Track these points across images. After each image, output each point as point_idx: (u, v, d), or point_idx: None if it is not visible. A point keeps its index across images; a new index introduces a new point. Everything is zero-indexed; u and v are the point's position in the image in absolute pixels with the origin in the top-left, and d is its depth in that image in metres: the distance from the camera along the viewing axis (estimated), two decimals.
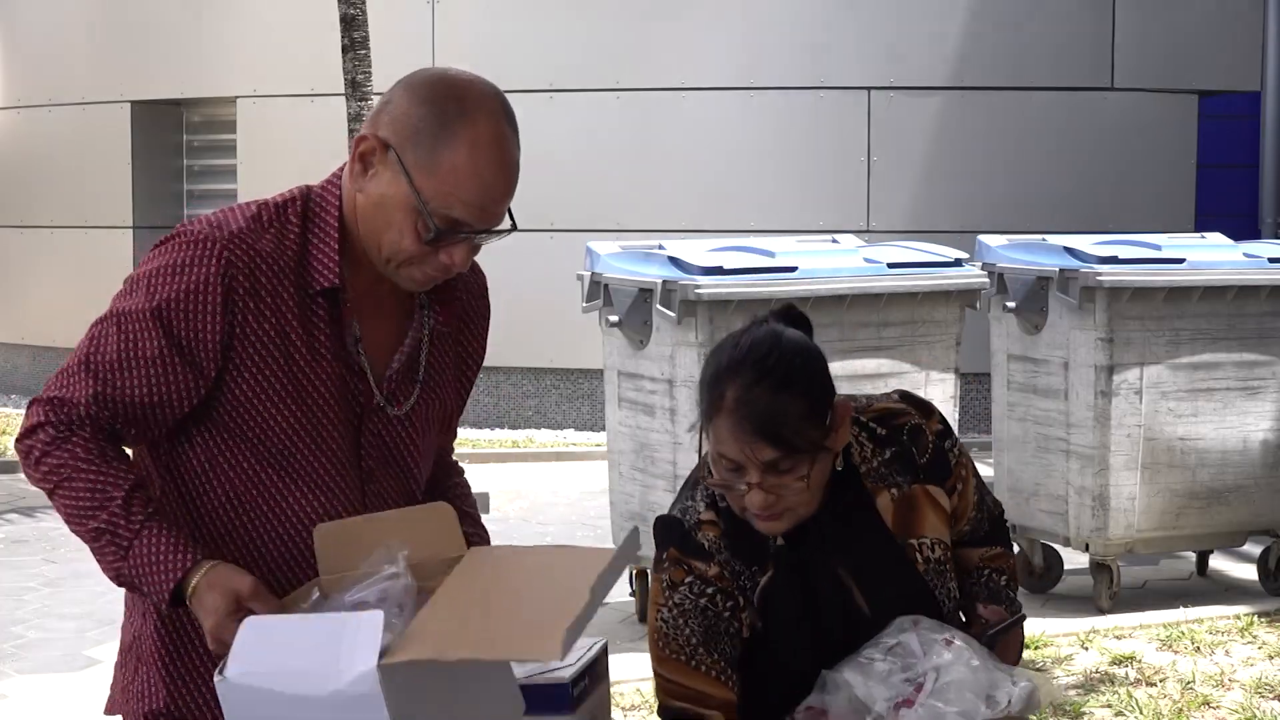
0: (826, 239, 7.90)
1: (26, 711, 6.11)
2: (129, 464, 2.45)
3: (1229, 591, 7.69)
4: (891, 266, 7.10)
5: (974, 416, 11.65)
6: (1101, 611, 7.22)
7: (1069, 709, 5.86)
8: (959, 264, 7.37)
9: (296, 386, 2.46)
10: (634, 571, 7.04)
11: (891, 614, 2.68)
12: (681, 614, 2.65)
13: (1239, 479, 7.44)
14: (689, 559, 2.67)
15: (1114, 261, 7.24)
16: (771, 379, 2.56)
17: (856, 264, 7.10)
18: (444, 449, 2.77)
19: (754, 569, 2.67)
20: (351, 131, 8.73)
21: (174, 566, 2.37)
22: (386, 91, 2.51)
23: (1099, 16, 12.70)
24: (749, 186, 12.50)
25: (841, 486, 2.70)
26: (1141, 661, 6.46)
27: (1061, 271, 7.30)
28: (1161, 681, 6.22)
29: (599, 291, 7.16)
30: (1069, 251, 7.42)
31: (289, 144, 13.03)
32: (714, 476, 2.63)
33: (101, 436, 2.42)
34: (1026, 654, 5.90)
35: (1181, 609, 7.19)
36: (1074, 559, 7.68)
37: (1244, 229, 11.67)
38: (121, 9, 14.26)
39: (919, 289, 7.07)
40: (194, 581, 2.37)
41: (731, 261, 6.84)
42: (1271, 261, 7.52)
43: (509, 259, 12.88)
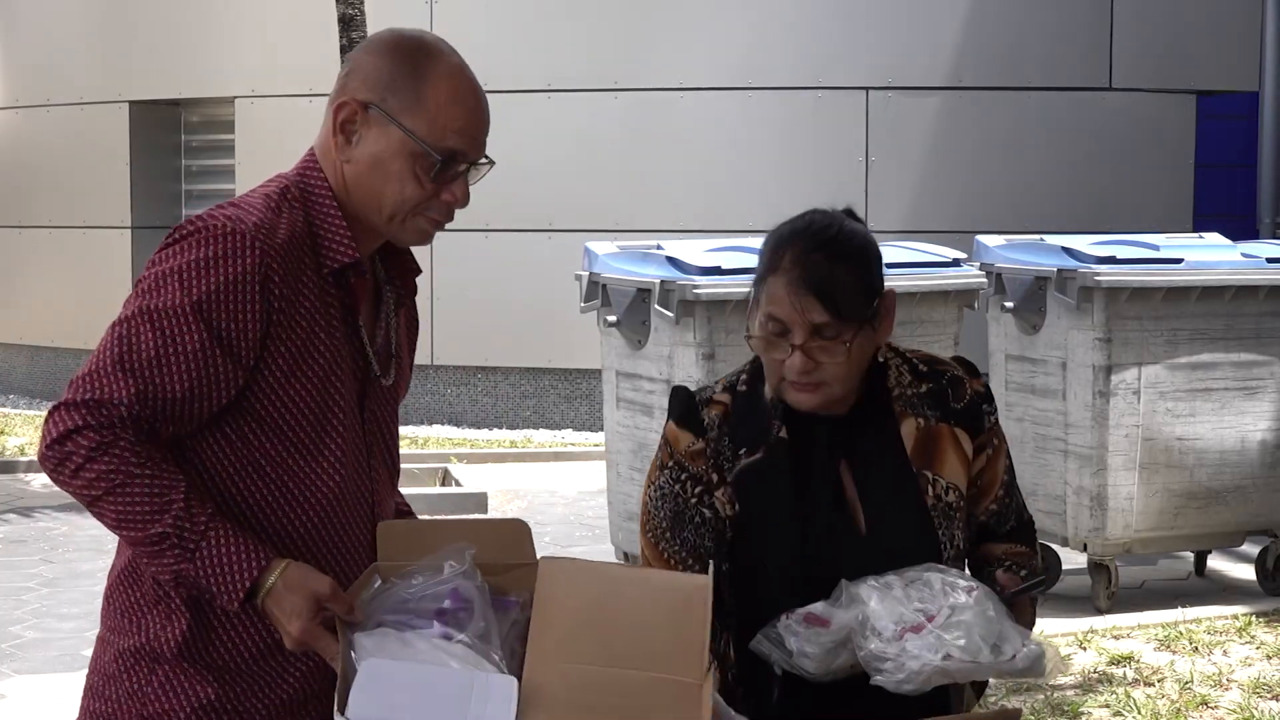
0: None
1: (25, 711, 6.11)
2: (176, 465, 2.43)
3: (1227, 591, 7.70)
4: (890, 266, 7.05)
5: None
6: (1100, 611, 7.22)
7: (1067, 709, 5.86)
8: (957, 264, 7.38)
9: (322, 369, 2.48)
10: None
11: (886, 538, 2.68)
12: (661, 496, 2.78)
13: (1237, 479, 7.44)
14: (681, 430, 2.75)
15: (1112, 261, 7.24)
16: (830, 249, 2.67)
17: None
18: None
19: (743, 451, 2.72)
20: None
21: (248, 567, 2.36)
22: (345, 63, 2.58)
23: (1097, 17, 12.71)
24: (747, 186, 12.50)
25: (870, 399, 2.74)
26: (1140, 662, 6.46)
27: (1059, 271, 7.30)
28: (1160, 682, 6.22)
29: (597, 292, 7.16)
30: (1067, 251, 7.42)
31: (287, 144, 12.95)
32: (754, 340, 2.69)
33: (145, 438, 2.38)
34: None
35: (1179, 609, 7.19)
36: (1072, 559, 7.69)
37: (1242, 229, 11.68)
38: (120, 9, 14.26)
39: (917, 289, 7.07)
40: (269, 582, 2.37)
41: (730, 261, 6.84)
42: (1269, 261, 7.53)
43: (508, 259, 12.96)
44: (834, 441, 2.72)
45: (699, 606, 2.36)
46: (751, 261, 6.91)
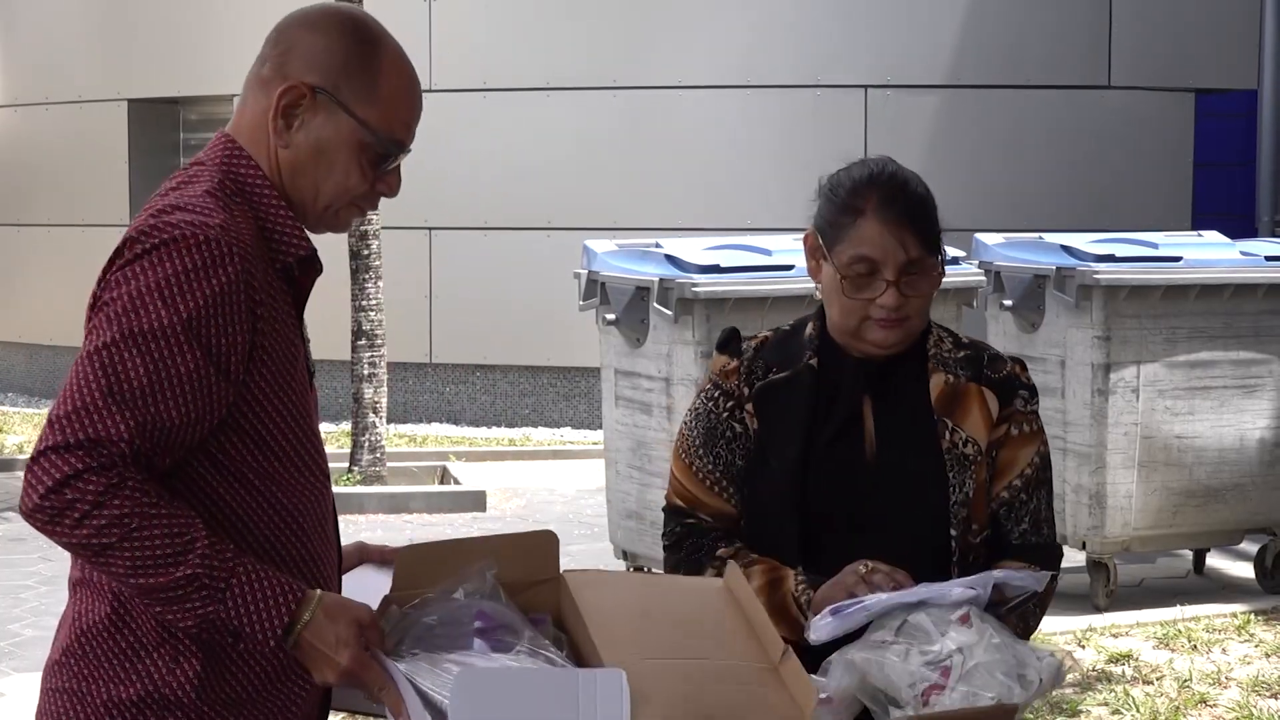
0: None
1: (25, 710, 6.11)
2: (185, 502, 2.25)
3: (1226, 589, 7.70)
4: None
5: None
6: (1098, 610, 7.22)
7: (1066, 707, 5.86)
8: (955, 262, 7.36)
9: (295, 375, 2.36)
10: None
11: (895, 471, 2.75)
12: (696, 418, 2.87)
13: (1236, 477, 7.44)
14: (720, 354, 2.87)
15: (1111, 260, 7.24)
16: (909, 187, 2.80)
17: None
18: None
19: (773, 370, 2.83)
20: None
21: (285, 601, 2.19)
22: (274, 39, 2.43)
23: (1096, 15, 12.71)
24: (746, 185, 12.50)
25: (907, 351, 2.82)
26: (1138, 660, 6.46)
27: (1058, 270, 7.30)
28: (1159, 680, 6.22)
29: (596, 290, 7.16)
30: (1066, 250, 7.42)
31: None
32: (845, 282, 2.74)
33: (149, 476, 2.19)
34: None
35: (1178, 607, 7.19)
36: (1071, 557, 7.67)
37: (1241, 227, 11.67)
38: (119, 8, 14.25)
39: None
40: (306, 616, 2.20)
41: (728, 260, 6.84)
42: (1268, 260, 7.53)
43: (506, 257, 12.95)
44: (862, 378, 2.81)
45: (729, 602, 2.42)
46: (751, 260, 6.97)
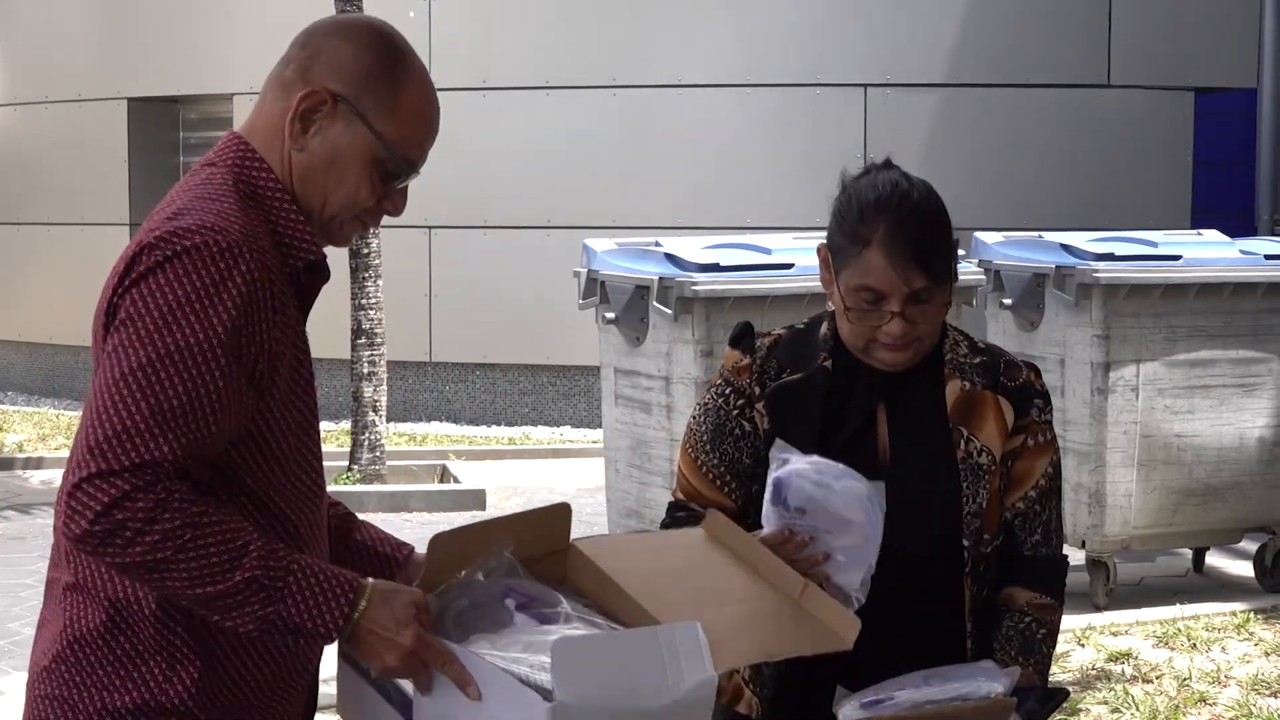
0: (823, 236, 7.89)
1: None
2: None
3: (1225, 588, 7.70)
4: None
5: None
6: (1098, 608, 7.22)
7: (1065, 706, 5.86)
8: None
9: (306, 381, 2.35)
10: None
11: (908, 481, 2.70)
12: (705, 413, 2.84)
13: (1235, 476, 7.44)
14: (733, 349, 2.84)
15: (1110, 258, 7.24)
16: (919, 213, 2.73)
17: None
18: None
19: (786, 371, 2.79)
20: None
21: (344, 592, 2.18)
22: (302, 43, 2.42)
23: (1095, 13, 12.71)
24: (746, 183, 12.50)
25: (923, 357, 2.78)
26: (1138, 658, 6.46)
27: (1058, 268, 7.30)
28: (1158, 678, 6.22)
29: (595, 289, 7.16)
30: (1065, 248, 7.42)
31: None
32: (849, 311, 2.72)
33: (194, 486, 2.18)
34: None
35: (1178, 606, 7.19)
36: (1070, 556, 7.66)
37: (1240, 226, 11.68)
38: (118, 6, 14.25)
39: None
40: (363, 603, 2.19)
41: (728, 258, 6.84)
42: (1267, 258, 7.53)
43: (506, 256, 12.95)
44: (876, 383, 2.77)
45: (725, 549, 2.51)
46: (750, 258, 6.96)
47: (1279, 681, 6.19)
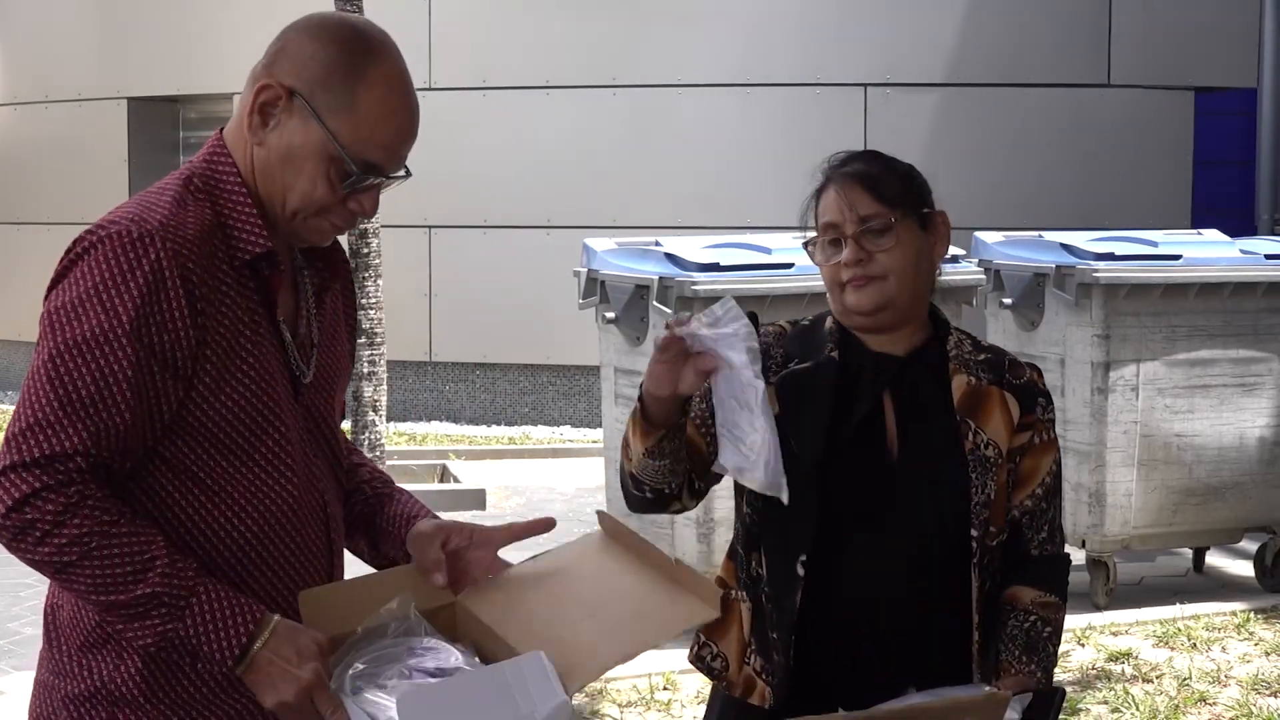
0: None
1: (24, 707, 6.11)
2: (145, 517, 2.25)
3: (1225, 588, 7.70)
4: None
5: None
6: (1098, 608, 7.22)
7: (1066, 705, 5.86)
8: (955, 260, 7.36)
9: (252, 369, 2.31)
10: None
11: (916, 470, 2.72)
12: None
13: (1235, 475, 7.44)
14: None
15: (1110, 258, 7.24)
16: (868, 154, 2.85)
17: None
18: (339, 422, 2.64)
19: (793, 362, 2.81)
20: None
21: (244, 620, 2.20)
22: (277, 38, 2.41)
23: (1096, 13, 12.71)
24: (746, 183, 12.50)
25: (927, 351, 2.81)
26: (1138, 658, 6.46)
27: (1058, 268, 7.30)
28: (1158, 678, 6.22)
29: (595, 288, 7.16)
30: (1065, 248, 7.42)
31: None
32: (820, 264, 2.79)
33: (109, 489, 2.20)
34: None
35: (1178, 605, 7.20)
36: (1071, 555, 7.68)
37: (1240, 225, 11.69)
38: (118, 6, 14.25)
39: None
40: (264, 635, 2.20)
41: (728, 258, 6.84)
42: (1268, 258, 7.53)
43: (506, 255, 12.94)
44: (883, 374, 2.78)
45: (613, 545, 2.55)
46: (750, 258, 6.96)
47: (1279, 681, 6.19)
